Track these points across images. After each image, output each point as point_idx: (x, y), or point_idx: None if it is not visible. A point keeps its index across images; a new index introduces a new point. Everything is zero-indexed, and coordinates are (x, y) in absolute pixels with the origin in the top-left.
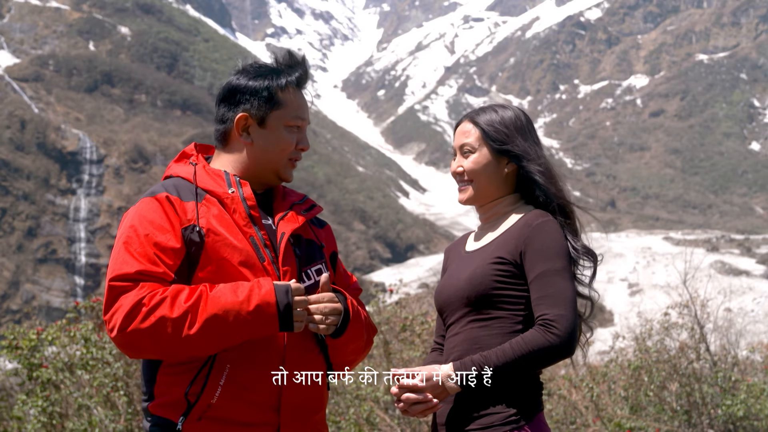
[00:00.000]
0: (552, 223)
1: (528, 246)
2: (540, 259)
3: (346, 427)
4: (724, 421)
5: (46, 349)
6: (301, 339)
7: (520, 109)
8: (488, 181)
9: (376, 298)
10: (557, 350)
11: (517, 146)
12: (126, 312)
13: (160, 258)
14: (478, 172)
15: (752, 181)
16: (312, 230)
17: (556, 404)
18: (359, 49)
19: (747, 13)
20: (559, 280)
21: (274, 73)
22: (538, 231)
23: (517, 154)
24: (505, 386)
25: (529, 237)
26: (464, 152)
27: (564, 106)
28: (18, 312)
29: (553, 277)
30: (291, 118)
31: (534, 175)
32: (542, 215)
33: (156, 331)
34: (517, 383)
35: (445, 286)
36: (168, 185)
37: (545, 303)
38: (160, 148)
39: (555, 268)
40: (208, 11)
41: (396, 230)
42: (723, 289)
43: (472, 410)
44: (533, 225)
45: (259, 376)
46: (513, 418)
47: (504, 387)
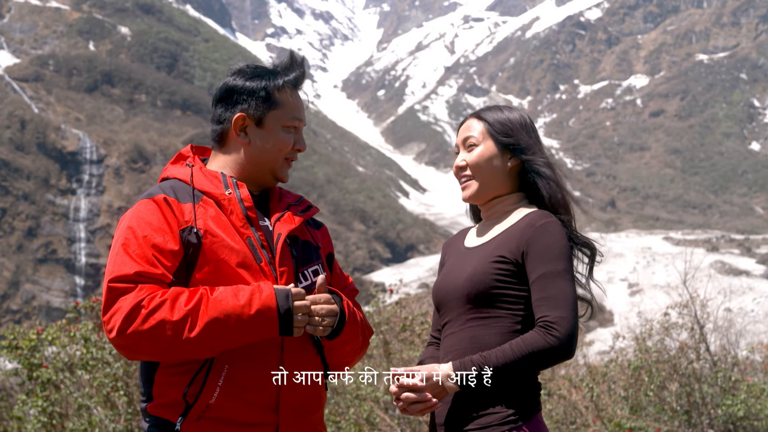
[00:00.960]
0: (555, 224)
1: (530, 246)
2: (542, 260)
3: (346, 427)
4: (724, 421)
5: (46, 349)
6: (299, 340)
7: (526, 114)
8: (491, 176)
9: (376, 298)
10: (557, 352)
11: (522, 141)
12: (125, 314)
13: (159, 260)
14: (481, 166)
15: (752, 181)
16: (308, 231)
17: (556, 404)
18: (359, 49)
19: (747, 13)
20: (561, 282)
21: (271, 73)
22: (542, 232)
23: (523, 147)
24: (503, 386)
25: (532, 237)
26: (468, 146)
27: (564, 106)
28: (18, 312)
29: (554, 279)
30: (288, 119)
31: (540, 167)
32: (546, 216)
33: (156, 334)
34: (515, 384)
35: (443, 282)
36: (165, 187)
37: (546, 305)
38: (160, 148)
39: (557, 270)
40: (208, 11)
41: (396, 230)
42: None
43: (470, 410)
44: (537, 225)
45: (258, 376)
46: (511, 418)
47: (502, 387)
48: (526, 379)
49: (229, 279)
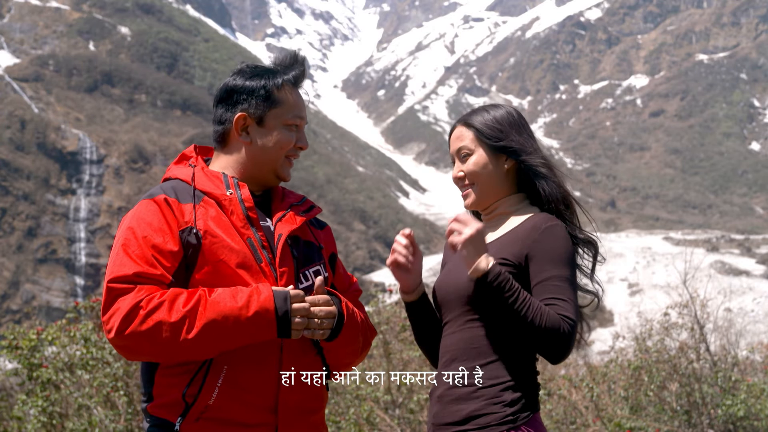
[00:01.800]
0: (560, 227)
1: (535, 250)
2: (548, 264)
3: (346, 427)
4: (724, 421)
5: (46, 349)
6: (298, 340)
7: (512, 107)
8: (490, 181)
9: (376, 298)
10: (560, 340)
11: (514, 141)
12: (124, 314)
13: (158, 260)
14: (478, 173)
15: (752, 181)
16: (311, 231)
17: (556, 404)
18: (359, 49)
19: (747, 13)
20: (567, 287)
21: (270, 72)
22: (547, 236)
23: (515, 148)
24: (502, 386)
25: (537, 241)
26: (462, 156)
27: (564, 106)
28: (18, 312)
29: (561, 283)
30: (290, 117)
31: (536, 167)
32: (551, 219)
33: (153, 335)
34: (514, 384)
35: (444, 281)
36: (166, 187)
37: (558, 304)
38: (160, 148)
39: (562, 275)
40: (208, 11)
41: (396, 230)
42: (723, 289)
43: (468, 410)
44: (542, 228)
45: (257, 377)
46: (509, 418)
47: (501, 387)
48: (525, 379)
49: (229, 279)
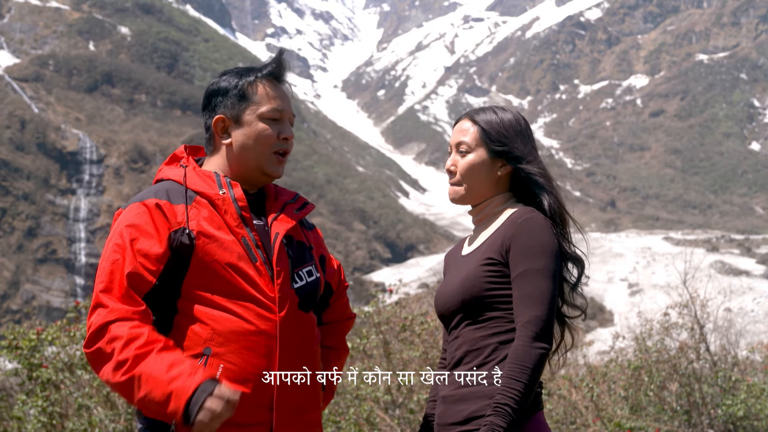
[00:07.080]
0: (538, 219)
1: (512, 244)
2: (522, 257)
3: (346, 427)
4: (724, 421)
5: (46, 349)
6: (298, 340)
7: (519, 114)
8: (479, 183)
9: (376, 298)
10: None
11: (517, 149)
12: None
13: (144, 266)
14: (471, 173)
15: (752, 181)
16: (302, 232)
17: (556, 404)
18: (359, 49)
19: (747, 13)
20: (539, 279)
21: (245, 71)
22: (522, 228)
23: (517, 155)
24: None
25: (513, 235)
26: (460, 150)
27: (564, 106)
28: (18, 312)
29: (533, 277)
30: (266, 111)
31: (535, 176)
32: (529, 211)
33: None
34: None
35: (441, 292)
36: (159, 189)
37: (522, 304)
38: (160, 148)
39: (536, 268)
40: (208, 11)
41: (396, 230)
42: (723, 289)
43: (470, 410)
44: (518, 222)
45: (253, 376)
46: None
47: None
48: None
49: (222, 279)
